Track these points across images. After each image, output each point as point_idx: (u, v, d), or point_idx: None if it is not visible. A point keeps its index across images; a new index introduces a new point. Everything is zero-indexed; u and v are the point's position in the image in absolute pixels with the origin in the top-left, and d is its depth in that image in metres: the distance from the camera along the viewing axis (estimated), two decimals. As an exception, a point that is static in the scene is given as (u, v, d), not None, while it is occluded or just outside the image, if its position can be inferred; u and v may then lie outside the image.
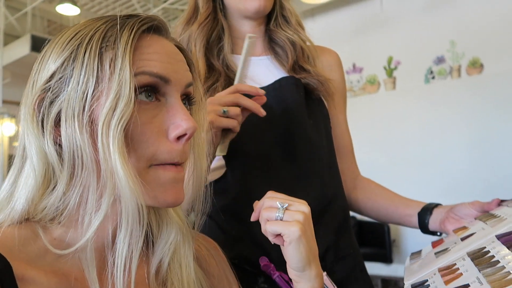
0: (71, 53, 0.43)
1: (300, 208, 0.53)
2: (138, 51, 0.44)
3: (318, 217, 0.78)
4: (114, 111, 0.41)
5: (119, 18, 0.45)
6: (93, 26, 0.44)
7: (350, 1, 3.92)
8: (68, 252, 0.43)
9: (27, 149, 0.44)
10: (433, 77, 3.54)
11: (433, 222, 0.80)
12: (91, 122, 0.42)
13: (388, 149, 3.68)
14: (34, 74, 0.46)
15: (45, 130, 0.43)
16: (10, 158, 0.48)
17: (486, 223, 0.64)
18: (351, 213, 0.94)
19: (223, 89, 0.76)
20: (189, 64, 0.52)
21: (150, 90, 0.44)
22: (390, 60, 3.76)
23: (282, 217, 0.51)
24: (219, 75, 0.80)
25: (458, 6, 3.41)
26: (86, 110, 0.42)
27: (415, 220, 0.83)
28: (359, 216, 3.53)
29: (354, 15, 3.97)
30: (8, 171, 0.47)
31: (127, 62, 0.42)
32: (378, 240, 3.50)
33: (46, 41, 0.48)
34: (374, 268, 3.35)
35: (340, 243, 0.80)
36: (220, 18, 0.85)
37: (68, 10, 3.92)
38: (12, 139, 5.55)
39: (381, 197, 0.91)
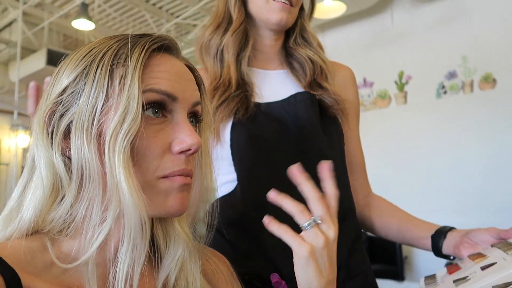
0: (84, 68, 0.45)
1: (327, 232, 0.49)
2: (148, 69, 0.45)
3: None
4: (121, 125, 0.42)
5: (132, 37, 0.46)
6: (106, 44, 0.46)
7: (360, 16, 3.93)
8: (73, 266, 0.43)
9: (36, 160, 0.45)
10: (445, 92, 3.52)
11: (447, 246, 0.78)
12: (99, 136, 0.43)
13: (399, 164, 3.64)
14: (49, 88, 0.47)
15: (54, 142, 0.44)
16: (23, 169, 0.49)
17: (507, 253, 0.62)
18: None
19: (238, 101, 0.77)
20: (199, 83, 0.53)
21: (157, 106, 0.46)
22: (401, 75, 3.75)
23: (306, 229, 0.48)
24: (239, 84, 0.81)
25: (470, 21, 3.41)
26: (95, 124, 0.43)
27: (428, 242, 0.82)
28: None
29: (365, 30, 3.99)
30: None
31: (136, 78, 0.43)
32: (389, 256, 3.44)
33: (63, 56, 0.49)
34: (385, 286, 3.29)
35: (352, 261, 0.79)
36: (248, 28, 0.87)
37: (83, 25, 4.01)
38: (26, 150, 5.64)
39: (393, 216, 0.89)
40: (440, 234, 0.80)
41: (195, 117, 0.52)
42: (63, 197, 0.45)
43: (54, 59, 4.71)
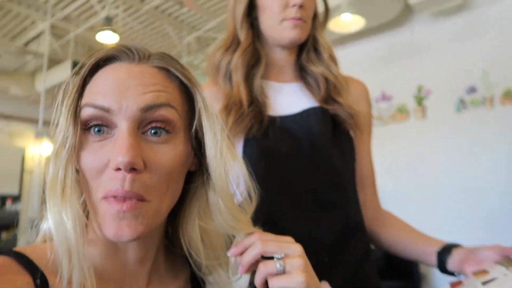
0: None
1: (296, 252, 0.49)
2: (90, 84, 0.46)
3: (340, 249, 0.77)
4: (56, 144, 0.44)
5: (92, 55, 0.48)
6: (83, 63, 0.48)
7: (379, 29, 3.93)
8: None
9: None
10: (465, 107, 3.46)
11: (452, 262, 0.78)
12: None
13: (418, 179, 3.58)
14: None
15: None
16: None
17: (509, 270, 0.62)
18: (377, 244, 0.92)
19: (252, 117, 0.78)
20: (185, 84, 0.50)
21: (99, 124, 0.44)
22: (420, 89, 3.71)
23: (284, 268, 0.48)
24: (251, 101, 0.82)
25: (490, 35, 3.36)
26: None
27: (433, 258, 0.82)
28: (387, 248, 3.42)
29: (384, 44, 3.97)
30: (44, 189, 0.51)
31: (75, 89, 0.45)
32: (406, 273, 3.36)
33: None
34: (402, 303, 3.21)
35: (361, 276, 0.79)
36: (258, 47, 0.88)
37: (107, 37, 4.13)
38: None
39: (400, 231, 0.89)
40: (445, 251, 0.80)
41: (162, 128, 0.46)
42: None
43: (78, 70, 4.84)
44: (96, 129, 0.44)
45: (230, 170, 0.51)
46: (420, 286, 3.33)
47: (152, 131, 0.45)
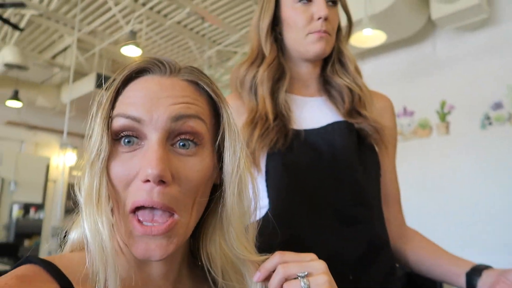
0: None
1: (320, 269, 0.48)
2: (123, 95, 0.47)
3: (365, 266, 0.75)
4: (91, 155, 0.44)
5: (125, 68, 0.49)
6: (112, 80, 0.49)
7: (401, 44, 3.90)
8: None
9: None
10: (490, 123, 3.38)
11: (483, 284, 0.75)
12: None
13: (440, 197, 3.49)
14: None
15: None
16: (69, 186, 0.53)
17: None
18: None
19: (277, 131, 0.78)
20: (212, 97, 0.50)
21: (130, 135, 0.45)
22: (443, 104, 3.65)
23: (309, 286, 0.47)
24: (276, 115, 0.82)
25: (517, 50, 3.29)
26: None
27: (462, 280, 0.78)
28: (408, 266, 3.33)
29: (405, 58, 3.94)
30: (66, 198, 0.52)
31: (109, 101, 0.46)
32: (429, 293, 3.26)
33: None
34: (424, 325, 3.10)
35: None
36: (282, 61, 0.88)
37: (131, 51, 4.24)
38: (72, 168, 5.90)
39: (426, 250, 0.87)
40: (475, 272, 0.77)
41: (190, 140, 0.46)
42: None
43: (102, 82, 4.98)
44: (126, 140, 0.44)
45: (245, 188, 0.51)
46: (443, 307, 3.22)
47: (181, 143, 0.45)
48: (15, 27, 4.33)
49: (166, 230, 0.43)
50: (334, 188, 0.78)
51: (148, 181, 0.42)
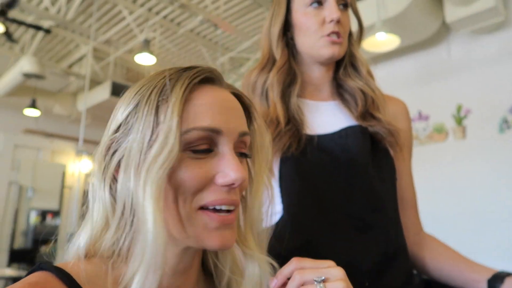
0: (135, 106, 0.47)
1: (338, 276, 0.48)
2: (191, 103, 0.46)
3: (381, 273, 0.74)
4: (157, 158, 0.43)
5: (175, 72, 0.48)
6: (154, 81, 0.48)
7: (415, 48, 3.87)
8: None
9: (92, 192, 0.49)
10: (508, 127, 3.31)
11: None
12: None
13: (457, 203, 3.42)
14: (108, 124, 0.51)
15: (105, 177, 0.48)
16: (84, 193, 0.53)
17: None
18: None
19: (290, 136, 0.78)
20: (249, 109, 0.53)
21: (204, 140, 0.46)
22: (459, 108, 3.59)
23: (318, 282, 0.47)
24: (288, 120, 0.82)
25: (535, 52, 3.23)
26: (141, 159, 0.45)
27: (483, 287, 0.76)
28: (425, 273, 3.26)
29: (420, 62, 3.90)
30: (82, 206, 0.52)
31: (176, 113, 0.44)
32: (447, 302, 3.19)
33: (125, 88, 0.53)
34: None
35: None
36: (293, 65, 0.88)
37: (145, 59, 4.29)
38: (88, 175, 5.98)
39: (445, 257, 0.84)
40: (497, 279, 0.74)
41: (244, 147, 0.51)
42: (108, 229, 0.48)
43: (117, 90, 5.06)
44: (201, 148, 0.46)
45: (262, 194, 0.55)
46: (462, 316, 3.15)
47: (240, 153, 0.50)
48: (40, 29, 4.44)
49: (234, 219, 0.47)
50: (349, 194, 0.77)
51: (230, 185, 0.46)
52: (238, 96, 0.53)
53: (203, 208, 0.46)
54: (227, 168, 0.46)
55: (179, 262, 0.49)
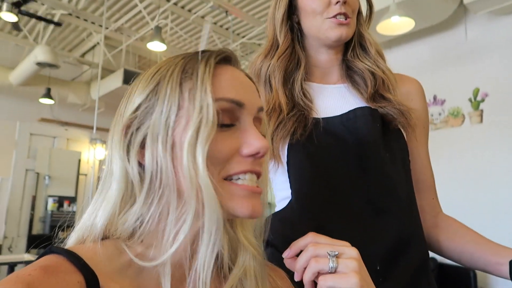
0: (155, 86, 0.49)
1: (351, 254, 0.50)
2: (215, 79, 0.48)
3: (394, 259, 0.73)
4: (198, 132, 0.45)
5: (193, 53, 0.50)
6: (173, 62, 0.50)
7: (430, 31, 3.78)
8: (150, 265, 0.46)
9: (113, 170, 0.49)
10: (527, 111, 3.23)
11: None
12: (173, 145, 0.46)
13: (473, 189, 3.38)
14: (121, 108, 0.51)
15: (130, 153, 0.48)
16: (99, 180, 0.53)
17: None
18: (431, 254, 0.86)
19: (295, 121, 0.77)
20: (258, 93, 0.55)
21: (227, 114, 0.48)
22: (476, 92, 3.51)
23: (336, 268, 0.48)
24: (293, 105, 0.81)
25: (556, 33, 3.12)
26: (169, 134, 0.46)
27: (505, 269, 0.74)
28: (440, 258, 3.24)
29: (435, 46, 3.81)
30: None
31: (209, 89, 0.46)
32: (462, 287, 3.17)
33: (135, 75, 0.54)
34: (457, 319, 3.03)
35: (417, 287, 0.74)
36: (298, 50, 0.87)
37: (156, 47, 4.29)
38: (102, 162, 6.07)
39: (466, 239, 0.82)
40: None
41: (259, 124, 0.53)
42: (133, 204, 0.48)
43: (129, 78, 5.08)
44: (227, 121, 0.48)
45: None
46: (478, 302, 3.13)
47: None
48: (51, 22, 4.46)
49: (261, 191, 0.49)
50: (359, 177, 0.76)
51: (251, 156, 0.48)
52: (250, 79, 0.55)
53: (227, 179, 0.47)
54: (251, 139, 0.48)
55: (195, 240, 0.50)
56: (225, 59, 0.52)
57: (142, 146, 0.48)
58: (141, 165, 0.48)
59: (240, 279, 0.52)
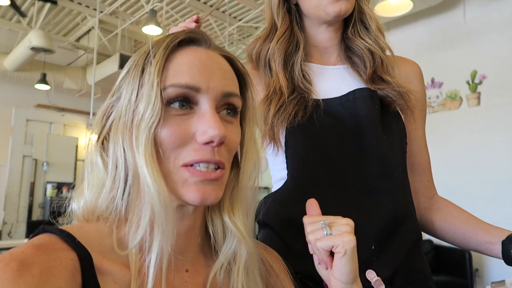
0: (126, 72, 0.50)
1: (344, 222, 0.53)
2: (172, 62, 0.48)
3: (388, 238, 0.74)
4: (142, 117, 0.45)
5: (163, 37, 0.50)
6: (144, 48, 0.50)
7: (428, 13, 3.74)
8: (124, 254, 0.46)
9: (90, 156, 0.52)
10: (524, 93, 3.23)
11: None
12: (131, 131, 0.47)
13: (471, 171, 3.40)
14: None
15: (100, 139, 0.51)
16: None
17: None
18: (428, 237, 0.88)
19: (295, 104, 0.77)
20: (243, 75, 0.55)
21: (184, 100, 0.48)
22: (474, 75, 3.50)
23: (331, 233, 0.52)
24: (293, 88, 0.81)
25: (555, 14, 3.10)
26: (129, 120, 0.47)
27: (497, 248, 0.75)
28: (436, 240, 3.29)
29: (433, 28, 3.78)
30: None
31: (156, 72, 0.46)
32: (458, 268, 3.22)
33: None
34: (452, 299, 3.09)
35: (410, 266, 0.75)
36: (296, 31, 0.86)
37: (152, 30, 4.24)
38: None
39: (459, 220, 0.83)
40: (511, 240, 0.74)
41: (232, 110, 0.51)
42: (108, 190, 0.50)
43: (125, 63, 5.04)
44: (181, 104, 0.47)
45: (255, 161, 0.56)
46: (473, 283, 3.18)
47: (228, 111, 0.50)
48: (47, 0, 4.39)
49: (219, 176, 0.48)
50: (357, 158, 0.76)
51: (207, 144, 0.46)
52: (231, 60, 0.54)
53: (186, 165, 0.47)
54: (205, 125, 0.46)
55: (180, 223, 0.50)
56: (191, 40, 0.50)
57: (110, 131, 0.50)
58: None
59: (230, 263, 0.53)
